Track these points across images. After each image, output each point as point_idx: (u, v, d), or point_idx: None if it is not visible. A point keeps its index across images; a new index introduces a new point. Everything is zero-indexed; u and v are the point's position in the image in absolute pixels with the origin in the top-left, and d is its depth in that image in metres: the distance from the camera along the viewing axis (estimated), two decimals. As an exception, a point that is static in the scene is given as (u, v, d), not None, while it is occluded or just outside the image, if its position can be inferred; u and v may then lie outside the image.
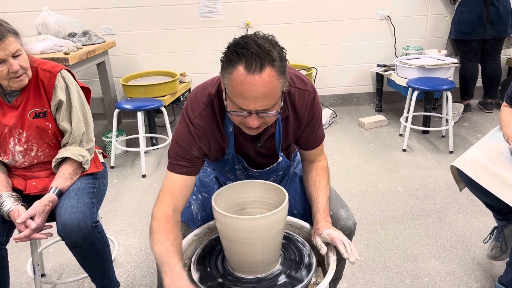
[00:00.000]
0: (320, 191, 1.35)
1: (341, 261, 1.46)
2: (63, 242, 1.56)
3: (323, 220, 1.27)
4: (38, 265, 1.74)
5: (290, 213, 1.45)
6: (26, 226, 1.48)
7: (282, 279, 1.19)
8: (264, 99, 1.09)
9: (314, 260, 1.23)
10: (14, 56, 1.50)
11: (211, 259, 1.26)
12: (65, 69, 1.68)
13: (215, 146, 1.32)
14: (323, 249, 1.21)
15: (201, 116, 1.26)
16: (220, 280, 1.18)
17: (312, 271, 1.19)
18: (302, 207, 1.47)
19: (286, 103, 1.28)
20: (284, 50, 1.12)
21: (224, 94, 1.16)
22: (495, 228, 1.96)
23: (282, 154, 1.42)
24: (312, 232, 1.28)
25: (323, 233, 1.22)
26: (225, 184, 1.49)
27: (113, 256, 1.90)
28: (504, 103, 1.87)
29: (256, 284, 1.18)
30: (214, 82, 1.29)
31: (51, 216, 1.59)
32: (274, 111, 1.14)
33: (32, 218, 1.50)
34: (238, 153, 1.37)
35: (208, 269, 1.22)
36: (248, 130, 1.20)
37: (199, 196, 1.46)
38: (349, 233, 1.39)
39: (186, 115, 1.27)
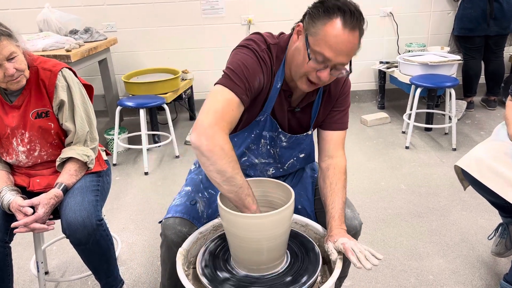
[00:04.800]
0: (336, 195, 1.31)
1: (347, 259, 1.46)
2: (66, 240, 1.56)
3: (338, 227, 1.23)
4: (42, 262, 1.74)
5: (295, 207, 1.45)
6: (25, 215, 1.48)
7: (288, 277, 1.18)
8: (346, 56, 1.16)
9: (320, 258, 1.23)
10: (9, 59, 1.48)
11: (217, 258, 1.25)
12: (66, 67, 1.66)
13: (259, 90, 1.28)
14: (334, 255, 1.18)
15: (265, 52, 1.26)
16: (226, 278, 1.18)
17: (318, 269, 1.19)
18: (308, 202, 1.46)
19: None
20: (365, 20, 1.19)
21: (304, 41, 1.17)
22: (500, 225, 1.95)
23: (312, 130, 1.42)
24: (325, 238, 1.24)
25: (337, 241, 1.19)
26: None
27: (116, 254, 1.89)
28: (510, 98, 1.85)
29: (262, 282, 1.17)
30: (274, 37, 1.31)
31: (56, 214, 1.59)
32: (344, 71, 1.20)
33: (34, 209, 1.50)
34: (273, 117, 1.35)
35: (214, 267, 1.21)
36: (308, 85, 1.23)
37: (205, 194, 1.45)
38: (355, 233, 1.39)
39: (251, 48, 1.24)
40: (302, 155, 1.47)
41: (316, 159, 1.51)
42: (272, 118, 1.35)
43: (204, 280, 1.16)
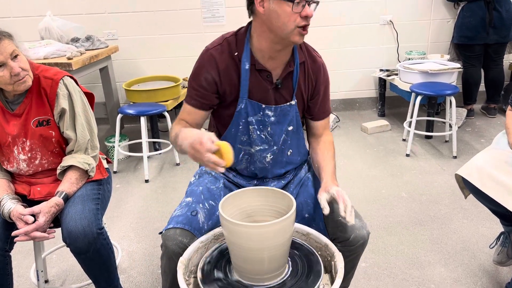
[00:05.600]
0: (328, 161, 1.45)
1: (349, 271, 1.46)
2: (66, 248, 1.55)
3: (331, 181, 1.35)
4: (42, 271, 1.73)
5: (301, 216, 1.46)
6: (26, 223, 1.48)
7: (289, 287, 1.18)
8: None
9: (321, 267, 1.22)
10: (13, 58, 1.49)
11: (218, 267, 1.25)
12: (68, 75, 1.67)
13: (229, 83, 1.41)
14: (326, 209, 1.26)
15: (217, 48, 1.42)
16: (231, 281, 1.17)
17: (320, 279, 1.18)
18: (314, 210, 1.46)
19: (302, 50, 1.47)
20: None
21: (274, 1, 1.28)
22: (501, 233, 1.95)
23: (296, 101, 1.48)
24: (320, 189, 1.34)
25: (331, 189, 1.30)
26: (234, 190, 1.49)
27: (116, 262, 1.88)
28: (509, 108, 1.86)
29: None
30: (232, 32, 1.46)
31: (56, 222, 1.59)
32: (317, 3, 1.33)
33: (35, 217, 1.50)
34: (252, 99, 1.44)
35: (215, 277, 1.21)
36: (300, 35, 1.32)
37: (206, 205, 1.44)
38: (363, 243, 1.38)
39: (205, 49, 1.44)
40: (290, 128, 1.52)
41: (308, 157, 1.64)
42: (251, 100, 1.44)
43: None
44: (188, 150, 1.22)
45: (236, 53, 1.41)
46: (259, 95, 1.44)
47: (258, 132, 1.48)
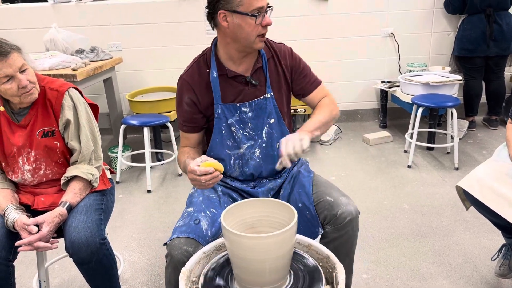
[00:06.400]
0: (318, 112, 1.58)
1: (344, 259, 1.47)
2: (69, 258, 1.56)
3: (301, 130, 1.46)
4: (44, 281, 1.74)
5: (296, 206, 1.51)
6: (30, 233, 1.49)
7: (290, 298, 1.18)
8: None
9: (322, 279, 1.23)
10: (21, 71, 1.52)
11: (220, 278, 1.25)
12: (73, 87, 1.70)
13: (204, 97, 1.54)
14: (280, 162, 1.37)
15: (188, 72, 1.57)
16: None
17: (321, 290, 1.19)
18: (306, 196, 1.52)
19: (267, 47, 1.59)
20: None
21: (239, 15, 1.40)
22: (503, 246, 1.95)
23: (272, 94, 1.57)
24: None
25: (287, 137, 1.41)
26: (233, 197, 1.51)
27: (119, 273, 1.89)
28: (510, 120, 1.87)
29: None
30: (198, 55, 1.59)
31: (59, 232, 1.60)
32: (270, 9, 1.46)
33: (39, 227, 1.51)
34: (226, 103, 1.54)
35: (216, 284, 1.21)
36: (261, 41, 1.46)
37: (208, 213, 1.47)
38: (351, 219, 1.44)
39: (178, 82, 1.58)
40: (272, 120, 1.58)
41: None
42: (226, 104, 1.54)
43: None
44: (188, 178, 1.39)
45: (207, 70, 1.54)
46: (233, 96, 1.55)
47: (241, 131, 1.56)
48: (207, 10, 1.47)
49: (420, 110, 3.21)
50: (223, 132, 1.56)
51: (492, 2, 3.54)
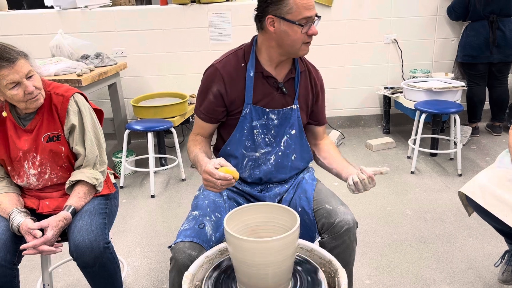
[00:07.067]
0: (336, 157, 1.63)
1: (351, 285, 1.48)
2: (73, 262, 1.58)
3: (349, 167, 1.54)
4: (48, 285, 1.75)
5: (296, 210, 1.52)
6: (35, 237, 1.50)
7: (293, 302, 1.19)
8: (314, 6, 1.46)
9: (325, 284, 1.23)
10: (28, 77, 1.54)
11: (222, 282, 1.26)
12: (78, 92, 1.72)
13: (234, 91, 1.52)
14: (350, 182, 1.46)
15: (222, 61, 1.54)
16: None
17: (323, 295, 1.19)
18: (306, 202, 1.54)
19: (302, 61, 1.61)
20: None
21: (287, 23, 1.41)
22: (506, 252, 1.94)
23: (298, 106, 1.59)
24: (346, 178, 1.51)
25: (354, 173, 1.46)
26: (238, 201, 1.52)
27: (122, 277, 1.90)
28: (512, 127, 1.87)
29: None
30: (233, 49, 1.58)
31: (64, 236, 1.61)
32: (317, 18, 1.47)
33: (43, 231, 1.52)
34: (256, 105, 1.54)
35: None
36: (306, 48, 1.48)
37: (213, 217, 1.48)
38: (348, 228, 1.45)
39: (207, 71, 1.56)
40: (293, 132, 1.60)
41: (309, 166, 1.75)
42: (256, 105, 1.54)
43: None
44: (202, 177, 1.37)
45: (243, 64, 1.53)
46: (264, 100, 1.54)
47: (263, 136, 1.57)
48: (255, 12, 1.48)
49: (423, 116, 3.22)
50: (245, 132, 1.56)
51: (495, 8, 3.55)
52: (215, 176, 1.31)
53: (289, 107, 1.57)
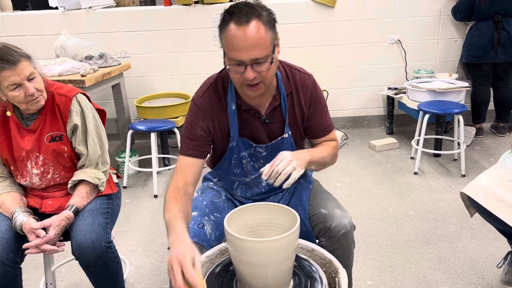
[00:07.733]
0: (325, 150, 1.48)
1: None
2: (76, 262, 1.59)
3: (303, 159, 1.34)
4: (51, 284, 1.76)
5: None
6: (38, 236, 1.51)
7: (293, 302, 1.19)
8: (254, 48, 1.21)
9: (325, 284, 1.23)
10: (29, 79, 1.55)
11: (223, 282, 1.26)
12: (81, 92, 1.73)
13: (219, 126, 1.44)
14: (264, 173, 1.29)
15: (204, 96, 1.43)
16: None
17: (323, 295, 1.19)
18: (303, 213, 1.50)
19: (289, 80, 1.44)
20: (271, 11, 1.29)
21: (223, 57, 1.27)
22: (509, 253, 1.93)
23: (290, 133, 1.48)
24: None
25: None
26: (237, 205, 1.52)
27: (124, 277, 1.91)
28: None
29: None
30: (212, 77, 1.46)
31: (66, 235, 1.62)
32: (267, 63, 1.25)
33: (46, 230, 1.53)
34: (243, 137, 1.46)
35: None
36: (248, 89, 1.30)
37: (212, 217, 1.48)
38: (345, 232, 1.41)
39: (192, 100, 1.45)
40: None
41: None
42: (242, 138, 1.46)
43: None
44: (168, 259, 1.09)
45: (224, 96, 1.42)
46: (249, 132, 1.47)
47: (252, 163, 1.52)
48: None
49: (427, 116, 3.21)
50: (233, 162, 1.51)
51: (500, 9, 3.53)
52: (186, 276, 1.03)
53: (279, 137, 1.48)
